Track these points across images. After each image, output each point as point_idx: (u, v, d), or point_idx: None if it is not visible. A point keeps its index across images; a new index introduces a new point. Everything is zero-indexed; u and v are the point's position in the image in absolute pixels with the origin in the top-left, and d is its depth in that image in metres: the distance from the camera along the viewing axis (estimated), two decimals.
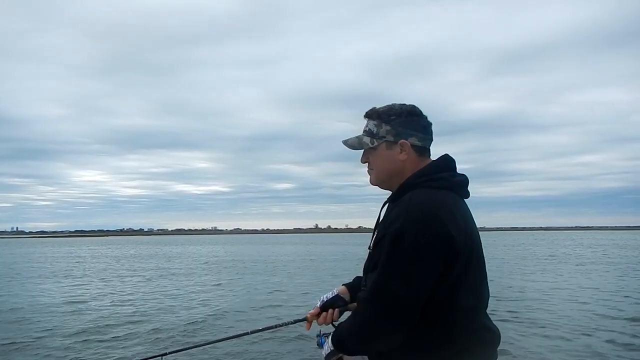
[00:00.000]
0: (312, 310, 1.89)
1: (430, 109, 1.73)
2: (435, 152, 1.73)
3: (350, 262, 23.17)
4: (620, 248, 36.00)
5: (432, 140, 1.71)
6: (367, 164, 1.75)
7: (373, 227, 1.77)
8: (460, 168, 1.71)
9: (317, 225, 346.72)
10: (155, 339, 6.93)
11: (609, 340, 6.49)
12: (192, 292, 12.33)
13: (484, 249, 1.65)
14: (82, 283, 15.18)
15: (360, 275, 2.01)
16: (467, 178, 1.68)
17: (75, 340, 6.93)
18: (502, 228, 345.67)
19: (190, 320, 8.22)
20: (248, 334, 2.08)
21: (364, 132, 1.73)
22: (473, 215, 1.67)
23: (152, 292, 12.46)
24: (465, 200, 1.68)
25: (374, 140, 1.69)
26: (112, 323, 8.15)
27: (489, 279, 1.65)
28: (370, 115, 1.72)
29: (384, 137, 1.67)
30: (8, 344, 6.70)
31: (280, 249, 41.08)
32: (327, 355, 1.73)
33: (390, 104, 1.72)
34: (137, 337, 7.11)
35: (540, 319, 7.93)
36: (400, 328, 1.49)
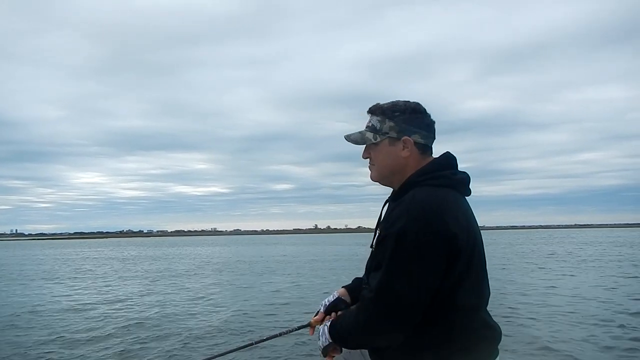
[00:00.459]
0: (316, 317, 1.86)
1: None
2: (435, 151, 1.73)
3: (351, 262, 23.15)
4: (620, 246, 36.03)
5: (434, 139, 1.71)
6: (368, 160, 1.74)
7: (373, 226, 1.77)
8: (460, 167, 1.72)
9: (316, 226, 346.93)
10: (150, 352, 6.39)
11: (609, 337, 6.51)
12: (193, 297, 12.27)
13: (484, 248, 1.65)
14: (79, 286, 15.19)
15: (360, 277, 2.00)
16: (468, 176, 1.68)
17: (62, 348, 6.90)
18: (501, 227, 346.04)
19: (194, 328, 7.83)
20: (253, 345, 2.01)
21: (367, 127, 1.71)
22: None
23: (152, 296, 12.42)
24: (466, 198, 1.68)
25: (377, 136, 1.68)
26: (110, 332, 7.68)
27: (489, 277, 1.65)
28: (374, 111, 1.71)
29: (387, 133, 1.66)
30: (11, 348, 6.68)
31: (280, 250, 41.06)
32: (324, 348, 1.71)
33: (395, 101, 1.71)
34: (130, 348, 6.60)
35: (541, 316, 7.94)
36: (402, 327, 1.49)
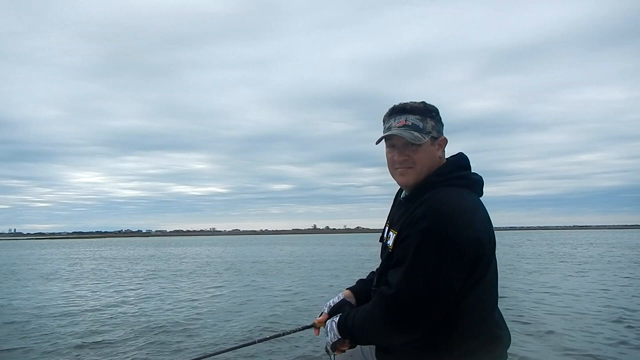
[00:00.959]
0: (319, 317, 1.86)
1: None
2: None
3: (351, 263, 23.13)
4: (619, 247, 36.04)
5: None
6: (399, 162, 1.65)
7: (372, 227, 1.79)
8: None
9: (315, 226, 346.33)
10: (155, 349, 6.41)
11: (610, 337, 6.53)
12: (193, 297, 12.21)
13: None
14: (78, 286, 15.13)
15: (363, 278, 2.01)
16: (482, 177, 1.69)
17: (59, 346, 6.91)
18: (499, 228, 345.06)
19: (195, 326, 7.82)
20: (256, 343, 1.98)
21: (406, 126, 1.62)
22: None
23: (152, 295, 12.39)
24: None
25: (424, 136, 1.62)
26: (108, 329, 7.68)
27: None
28: (411, 110, 1.64)
29: (430, 132, 1.63)
30: (13, 349, 6.69)
31: (279, 250, 40.97)
32: (333, 343, 1.70)
33: (416, 101, 1.68)
34: (135, 345, 6.67)
35: (542, 318, 7.94)
36: (420, 327, 1.48)
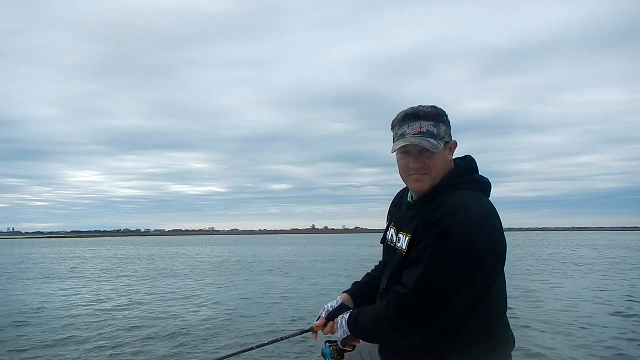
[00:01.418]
0: (317, 322, 1.84)
1: None
2: None
3: (350, 263, 23.13)
4: (618, 249, 36.08)
5: None
6: (414, 169, 1.59)
7: (371, 228, 1.75)
8: None
9: (314, 226, 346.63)
10: (150, 355, 6.18)
11: (610, 338, 6.50)
12: (191, 298, 12.17)
13: None
14: (76, 286, 15.10)
15: (358, 281, 2.00)
16: (490, 180, 1.67)
17: (59, 347, 6.87)
18: None
19: (192, 330, 7.67)
20: (254, 349, 1.95)
21: (421, 134, 1.56)
22: None
23: (149, 296, 12.34)
24: None
25: (440, 143, 1.57)
26: (104, 332, 7.57)
27: None
28: (425, 117, 1.58)
29: (443, 137, 1.59)
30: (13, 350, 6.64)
31: (279, 250, 40.98)
32: (343, 340, 1.70)
33: (427, 105, 1.62)
34: (129, 350, 6.45)
35: (542, 320, 7.91)
36: (433, 329, 1.46)
